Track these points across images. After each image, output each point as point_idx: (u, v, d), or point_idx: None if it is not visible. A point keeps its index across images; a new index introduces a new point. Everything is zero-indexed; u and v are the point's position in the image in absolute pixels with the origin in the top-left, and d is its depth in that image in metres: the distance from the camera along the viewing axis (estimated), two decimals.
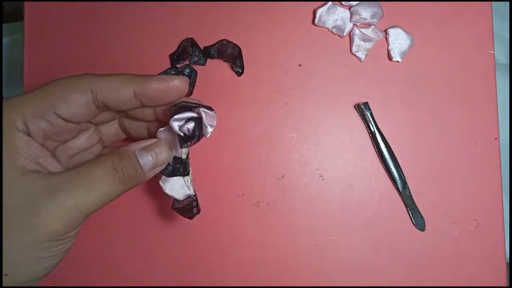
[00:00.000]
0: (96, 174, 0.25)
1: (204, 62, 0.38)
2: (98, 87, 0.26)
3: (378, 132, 0.38)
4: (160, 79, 0.27)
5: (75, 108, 0.26)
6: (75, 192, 0.24)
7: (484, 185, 0.38)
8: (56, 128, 0.26)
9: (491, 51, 0.39)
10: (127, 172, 0.26)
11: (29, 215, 0.23)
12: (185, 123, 0.27)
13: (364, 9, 0.38)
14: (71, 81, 0.26)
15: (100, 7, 0.39)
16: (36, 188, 0.24)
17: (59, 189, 0.24)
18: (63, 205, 0.24)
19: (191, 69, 0.38)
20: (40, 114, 0.25)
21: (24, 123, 0.25)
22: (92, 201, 0.25)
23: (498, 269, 0.38)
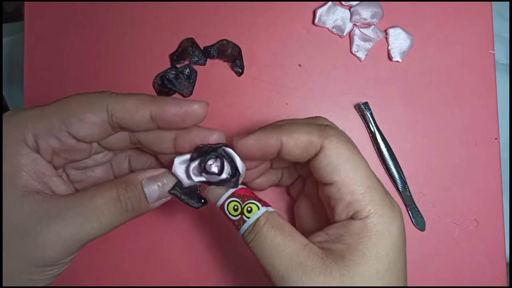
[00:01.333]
0: (97, 203, 0.24)
1: (204, 62, 0.38)
2: (114, 107, 0.25)
3: (378, 132, 0.38)
4: (178, 103, 0.25)
5: (89, 128, 0.25)
6: (74, 221, 0.23)
7: (484, 185, 0.38)
8: (66, 147, 0.25)
9: (491, 51, 0.39)
10: (131, 204, 0.25)
11: (24, 239, 0.23)
12: (206, 163, 0.26)
13: (364, 9, 0.38)
14: (87, 98, 0.25)
15: (100, 7, 0.39)
16: (35, 212, 0.23)
17: (58, 216, 0.23)
18: (60, 234, 0.23)
19: (191, 69, 0.38)
20: (51, 131, 0.24)
21: (34, 138, 0.24)
22: (90, 232, 0.24)
23: (498, 269, 0.38)
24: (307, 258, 0.24)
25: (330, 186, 0.26)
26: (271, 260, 0.25)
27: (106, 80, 0.38)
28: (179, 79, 0.38)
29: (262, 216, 0.26)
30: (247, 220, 0.26)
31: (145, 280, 0.38)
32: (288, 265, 0.24)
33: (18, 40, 0.56)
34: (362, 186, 0.25)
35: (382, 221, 0.25)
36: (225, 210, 0.26)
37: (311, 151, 0.26)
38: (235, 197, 0.26)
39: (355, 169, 0.26)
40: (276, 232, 0.25)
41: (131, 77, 0.38)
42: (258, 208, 0.26)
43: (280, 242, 0.25)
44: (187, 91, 0.38)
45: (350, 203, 0.25)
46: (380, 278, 0.25)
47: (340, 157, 0.25)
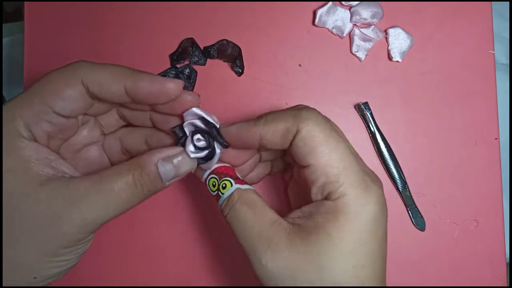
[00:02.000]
0: (115, 189, 0.25)
1: (204, 62, 0.38)
2: (88, 80, 0.25)
3: (378, 132, 0.38)
4: (152, 79, 0.26)
5: (72, 103, 0.26)
6: (96, 206, 0.24)
7: (484, 185, 0.38)
8: (58, 126, 0.26)
9: (491, 51, 0.39)
10: (147, 187, 0.26)
11: (51, 225, 0.24)
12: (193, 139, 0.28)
13: (364, 9, 0.38)
14: (62, 74, 0.26)
15: (100, 7, 0.39)
16: (56, 199, 0.24)
17: (80, 202, 0.24)
18: (84, 218, 0.24)
19: (191, 69, 0.38)
20: (40, 116, 0.25)
21: (27, 128, 0.25)
22: (110, 214, 0.25)
23: (498, 269, 0.38)
24: (274, 233, 0.25)
25: (306, 168, 0.26)
26: (242, 234, 0.26)
27: None
28: (179, 79, 0.38)
29: (235, 193, 0.27)
30: (221, 196, 0.27)
31: (145, 280, 0.38)
32: (257, 239, 0.25)
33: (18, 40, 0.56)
34: (337, 168, 0.25)
35: (353, 203, 0.25)
36: (207, 185, 0.28)
37: (289, 137, 0.26)
38: (214, 174, 0.28)
39: (330, 150, 0.26)
40: (247, 208, 0.26)
41: None
42: (231, 185, 0.27)
43: (251, 218, 0.26)
44: None
45: (323, 184, 0.26)
46: (345, 261, 0.24)
47: (314, 140, 0.26)
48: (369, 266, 0.25)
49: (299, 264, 0.24)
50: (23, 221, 0.24)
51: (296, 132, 0.26)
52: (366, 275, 0.25)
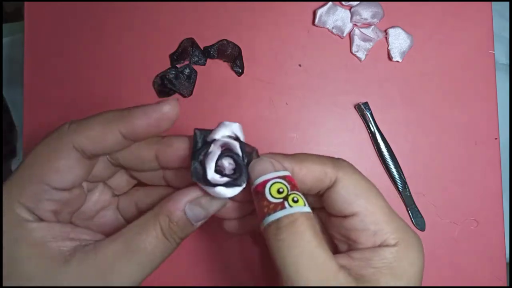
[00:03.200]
0: (147, 248, 0.23)
1: (204, 62, 0.38)
2: (80, 143, 0.23)
3: (378, 132, 0.38)
4: (145, 113, 0.23)
5: (70, 173, 0.24)
6: (131, 270, 0.23)
7: (484, 185, 0.38)
8: (62, 201, 0.24)
9: (491, 51, 0.39)
10: (178, 236, 0.24)
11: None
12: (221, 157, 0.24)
13: (364, 9, 0.38)
14: (50, 145, 0.24)
15: (100, 7, 0.39)
16: (87, 272, 0.22)
17: (111, 270, 0.22)
18: (121, 284, 0.23)
19: (191, 69, 0.38)
20: (40, 197, 0.23)
21: (31, 212, 0.23)
22: (146, 272, 0.23)
23: (498, 269, 0.38)
24: (343, 281, 0.22)
25: (350, 218, 0.25)
26: (304, 271, 0.22)
27: (106, 80, 0.38)
28: (179, 79, 0.38)
29: (305, 216, 0.23)
30: (287, 208, 0.22)
31: None
32: (323, 282, 0.22)
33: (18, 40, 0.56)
34: (385, 214, 0.25)
35: (411, 250, 0.25)
36: (265, 189, 0.23)
37: (325, 181, 0.25)
38: (285, 181, 0.23)
39: (374, 198, 0.25)
40: (317, 243, 0.22)
41: (131, 77, 0.38)
42: (304, 204, 0.23)
43: (319, 257, 0.22)
44: (187, 91, 0.38)
45: (375, 232, 0.25)
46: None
47: (358, 188, 0.25)
48: None
49: None
50: None
51: (335, 180, 0.25)
52: None
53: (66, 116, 0.38)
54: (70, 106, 0.38)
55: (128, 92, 0.38)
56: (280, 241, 0.22)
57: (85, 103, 0.38)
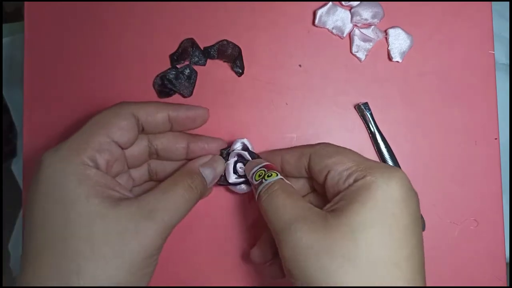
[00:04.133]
0: (179, 194, 0.29)
1: (204, 62, 0.38)
2: (138, 112, 0.30)
3: (378, 132, 0.38)
4: (188, 108, 0.32)
5: (129, 133, 0.29)
6: (168, 214, 0.27)
7: (484, 185, 0.39)
8: (115, 157, 0.29)
9: (491, 51, 0.39)
10: (200, 189, 0.30)
11: (131, 239, 0.26)
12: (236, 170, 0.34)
13: (364, 10, 0.38)
14: (114, 111, 0.29)
15: (100, 7, 0.39)
16: (133, 213, 0.26)
17: (156, 211, 0.27)
18: (162, 225, 0.27)
19: (191, 69, 0.38)
20: (102, 147, 0.28)
21: (93, 159, 0.27)
22: (178, 218, 0.28)
23: (498, 269, 0.38)
24: (311, 214, 0.27)
25: (328, 175, 0.29)
26: (278, 214, 0.28)
27: (106, 80, 0.38)
28: (179, 79, 0.38)
29: (276, 182, 0.30)
30: (264, 182, 0.30)
31: None
32: (293, 217, 0.27)
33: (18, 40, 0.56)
34: (355, 161, 0.28)
35: (380, 176, 0.27)
36: (253, 178, 0.32)
37: (304, 158, 0.31)
38: (263, 168, 0.32)
39: (344, 153, 0.29)
40: (285, 195, 0.29)
41: (131, 77, 0.38)
42: (277, 175, 0.31)
43: (288, 202, 0.28)
44: (187, 92, 0.38)
45: (348, 175, 0.28)
46: (379, 228, 0.25)
47: (329, 152, 0.30)
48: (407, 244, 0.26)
49: (334, 238, 0.25)
50: (103, 238, 0.25)
51: (310, 155, 0.30)
52: (402, 249, 0.25)
53: (66, 116, 0.38)
54: (70, 106, 0.38)
55: (128, 92, 0.38)
56: (263, 203, 0.29)
57: (85, 103, 0.38)
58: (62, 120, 0.38)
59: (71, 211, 0.25)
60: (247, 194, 0.37)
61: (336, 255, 0.24)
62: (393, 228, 0.25)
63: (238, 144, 0.34)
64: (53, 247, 0.25)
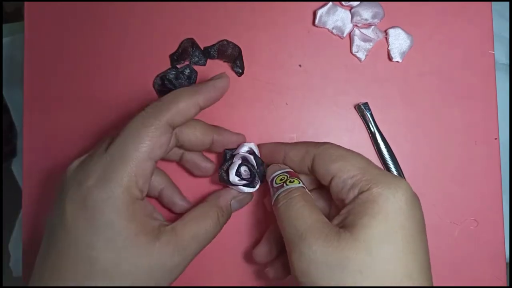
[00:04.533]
0: (209, 231, 0.30)
1: (204, 62, 0.38)
2: (173, 119, 0.29)
3: (378, 132, 0.38)
4: (215, 85, 0.32)
5: (167, 147, 0.29)
6: (196, 246, 0.30)
7: (484, 185, 0.39)
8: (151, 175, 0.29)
9: (491, 51, 0.39)
10: (224, 221, 0.32)
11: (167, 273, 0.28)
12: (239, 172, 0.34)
13: (365, 10, 0.38)
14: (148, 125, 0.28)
15: (100, 7, 0.39)
16: (171, 249, 0.28)
17: (189, 247, 0.29)
18: (191, 257, 0.30)
19: (191, 69, 0.38)
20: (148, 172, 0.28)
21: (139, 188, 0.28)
22: (204, 246, 0.31)
23: (498, 269, 0.38)
24: (325, 227, 0.27)
25: (332, 181, 0.29)
26: (294, 222, 0.27)
27: (106, 80, 0.38)
28: (179, 79, 0.38)
29: (297, 189, 0.29)
30: (285, 186, 0.30)
31: None
32: (308, 229, 0.27)
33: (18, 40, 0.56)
34: (360, 168, 0.28)
35: (386, 188, 0.27)
36: (273, 180, 0.31)
37: (308, 157, 0.31)
38: (286, 173, 0.32)
39: (349, 158, 0.29)
40: (304, 203, 0.28)
41: (131, 77, 0.38)
42: (299, 182, 0.30)
43: (305, 212, 0.28)
44: None
45: (352, 184, 0.28)
46: (392, 241, 0.26)
47: (333, 156, 0.30)
48: (416, 253, 0.26)
49: (349, 253, 0.25)
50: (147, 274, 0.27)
51: (314, 156, 0.30)
52: (414, 261, 0.26)
53: (66, 116, 0.38)
54: (70, 106, 0.38)
55: (128, 92, 0.38)
56: (279, 208, 0.29)
57: (85, 103, 0.38)
58: (62, 120, 0.38)
59: (121, 249, 0.26)
60: None
61: (351, 270, 0.25)
62: (404, 240, 0.26)
63: (245, 148, 0.34)
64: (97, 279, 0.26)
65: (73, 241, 0.26)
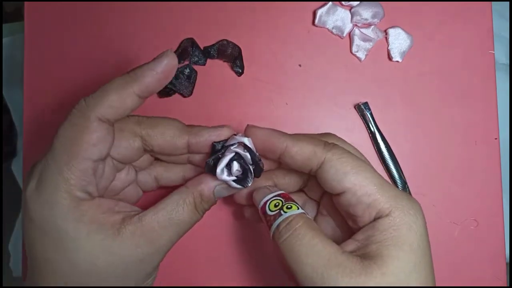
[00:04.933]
0: (185, 219, 0.28)
1: (204, 62, 0.38)
2: (104, 113, 0.26)
3: (378, 132, 0.38)
4: (152, 68, 0.26)
5: (105, 144, 0.26)
6: (172, 235, 0.27)
7: (484, 185, 0.38)
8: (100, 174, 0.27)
9: (491, 51, 0.39)
10: (204, 209, 0.29)
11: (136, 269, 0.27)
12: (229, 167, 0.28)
13: (365, 10, 0.38)
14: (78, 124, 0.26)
15: (100, 7, 0.39)
16: (137, 241, 0.26)
17: (159, 237, 0.27)
18: (165, 251, 0.28)
19: (191, 69, 0.38)
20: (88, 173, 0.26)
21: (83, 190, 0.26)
22: (180, 236, 0.28)
23: (498, 269, 0.38)
24: (346, 260, 0.24)
25: (344, 194, 0.27)
26: (309, 260, 0.24)
27: (106, 80, 0.38)
28: (179, 79, 0.38)
29: (299, 216, 0.26)
30: (283, 214, 0.26)
31: None
32: (327, 265, 0.24)
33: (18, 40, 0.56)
34: (376, 185, 0.26)
35: (407, 214, 0.26)
36: (266, 207, 0.28)
37: (314, 160, 0.27)
38: (280, 197, 0.28)
39: (363, 172, 0.26)
40: (314, 234, 0.25)
41: None
42: (297, 208, 0.27)
43: (318, 244, 0.25)
44: (187, 91, 0.38)
45: (369, 204, 0.26)
46: (418, 271, 0.25)
47: (346, 166, 0.26)
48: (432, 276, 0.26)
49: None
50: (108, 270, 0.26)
51: (324, 160, 0.27)
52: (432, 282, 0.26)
53: None
54: (70, 106, 0.38)
55: None
56: (283, 242, 0.26)
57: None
58: (62, 120, 0.38)
59: (73, 252, 0.25)
60: None
61: None
62: (427, 267, 0.25)
63: (236, 142, 0.30)
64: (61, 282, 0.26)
65: (32, 246, 0.26)
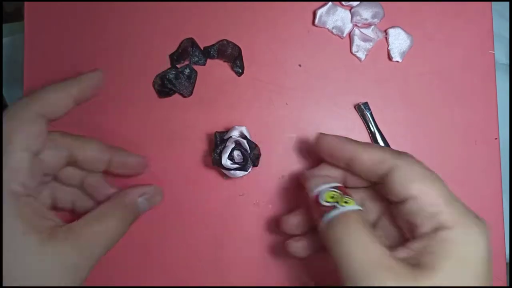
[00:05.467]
0: (113, 231, 0.30)
1: (204, 62, 0.38)
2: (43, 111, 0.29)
3: (378, 132, 0.38)
4: (90, 78, 0.32)
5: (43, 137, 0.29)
6: (105, 246, 0.29)
7: (484, 185, 0.38)
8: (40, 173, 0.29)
9: (491, 51, 0.39)
10: (131, 221, 0.32)
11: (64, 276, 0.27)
12: (231, 156, 0.34)
13: (365, 10, 0.38)
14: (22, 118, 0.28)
15: (100, 7, 0.39)
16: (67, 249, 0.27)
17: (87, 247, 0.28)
18: (95, 258, 0.29)
19: (191, 69, 0.38)
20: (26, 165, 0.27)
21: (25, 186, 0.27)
22: (110, 247, 0.30)
23: (498, 269, 0.38)
24: (396, 265, 0.24)
25: (407, 201, 0.26)
26: (357, 255, 0.24)
27: (106, 80, 0.38)
28: (179, 79, 0.38)
29: (357, 214, 0.26)
30: (339, 208, 0.26)
31: (144, 280, 0.38)
32: (376, 265, 0.23)
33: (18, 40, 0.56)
34: (443, 197, 0.26)
35: (471, 232, 0.25)
36: (319, 196, 0.27)
37: (383, 166, 0.27)
38: (338, 189, 0.28)
39: (432, 182, 0.26)
40: (366, 231, 0.25)
41: (131, 77, 0.38)
42: (354, 204, 0.27)
43: (369, 242, 0.24)
44: (187, 91, 0.38)
45: (433, 214, 0.25)
46: None
47: (414, 174, 0.26)
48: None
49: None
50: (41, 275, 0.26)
51: (392, 167, 0.27)
52: None
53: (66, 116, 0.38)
54: None
55: (128, 92, 0.38)
56: (334, 236, 0.25)
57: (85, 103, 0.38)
58: (61, 120, 0.38)
59: (8, 252, 0.25)
60: (243, 190, 0.37)
61: None
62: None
63: (236, 132, 0.34)
64: None
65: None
